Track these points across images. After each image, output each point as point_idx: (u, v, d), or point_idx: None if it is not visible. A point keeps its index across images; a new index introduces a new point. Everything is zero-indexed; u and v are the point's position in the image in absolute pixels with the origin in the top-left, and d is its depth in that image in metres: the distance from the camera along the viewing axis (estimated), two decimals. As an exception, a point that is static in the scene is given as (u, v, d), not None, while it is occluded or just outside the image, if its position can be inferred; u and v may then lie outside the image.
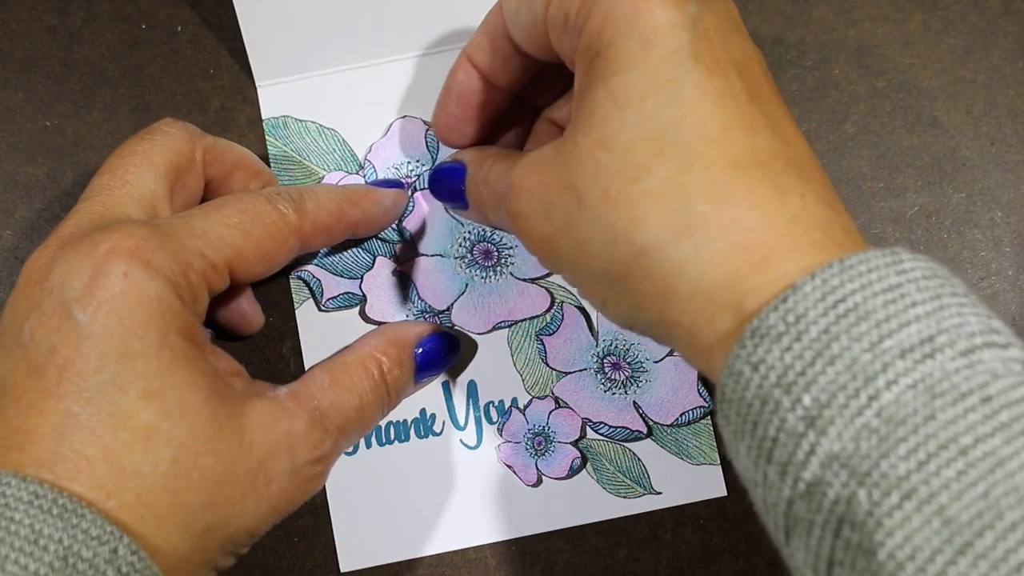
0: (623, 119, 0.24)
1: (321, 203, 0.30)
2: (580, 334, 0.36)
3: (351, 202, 0.31)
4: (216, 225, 0.27)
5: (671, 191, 0.23)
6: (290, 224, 0.29)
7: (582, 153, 0.25)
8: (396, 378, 0.31)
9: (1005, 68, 0.37)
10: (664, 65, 0.24)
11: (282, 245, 0.29)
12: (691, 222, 0.23)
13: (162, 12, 0.38)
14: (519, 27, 0.28)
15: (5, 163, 0.38)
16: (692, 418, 0.35)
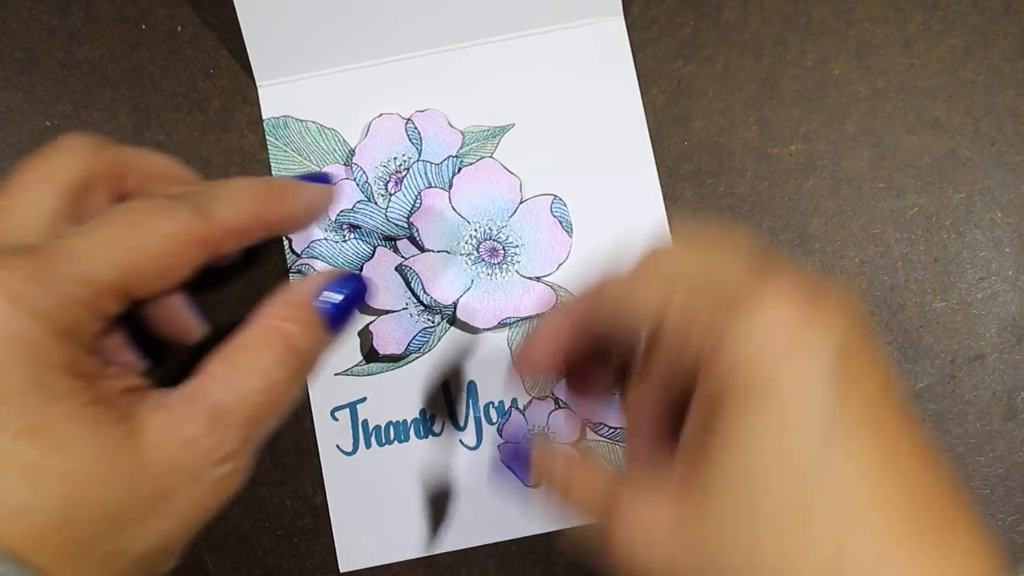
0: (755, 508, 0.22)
1: (232, 203, 0.27)
2: None
3: (269, 199, 0.29)
4: (100, 245, 0.25)
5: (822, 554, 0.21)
6: (190, 233, 0.26)
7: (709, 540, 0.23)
8: (304, 340, 0.27)
9: (1005, 68, 0.37)
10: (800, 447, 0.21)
11: (182, 258, 0.26)
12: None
13: (162, 12, 0.38)
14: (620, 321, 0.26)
15: (5, 163, 0.37)
16: None
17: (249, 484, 0.36)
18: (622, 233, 0.37)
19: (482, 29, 0.37)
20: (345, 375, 0.36)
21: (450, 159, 0.37)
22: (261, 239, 0.29)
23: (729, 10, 0.38)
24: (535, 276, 0.36)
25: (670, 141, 0.37)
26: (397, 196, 0.36)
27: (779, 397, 0.21)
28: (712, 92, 0.37)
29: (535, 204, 0.36)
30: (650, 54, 0.38)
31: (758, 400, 0.21)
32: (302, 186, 0.31)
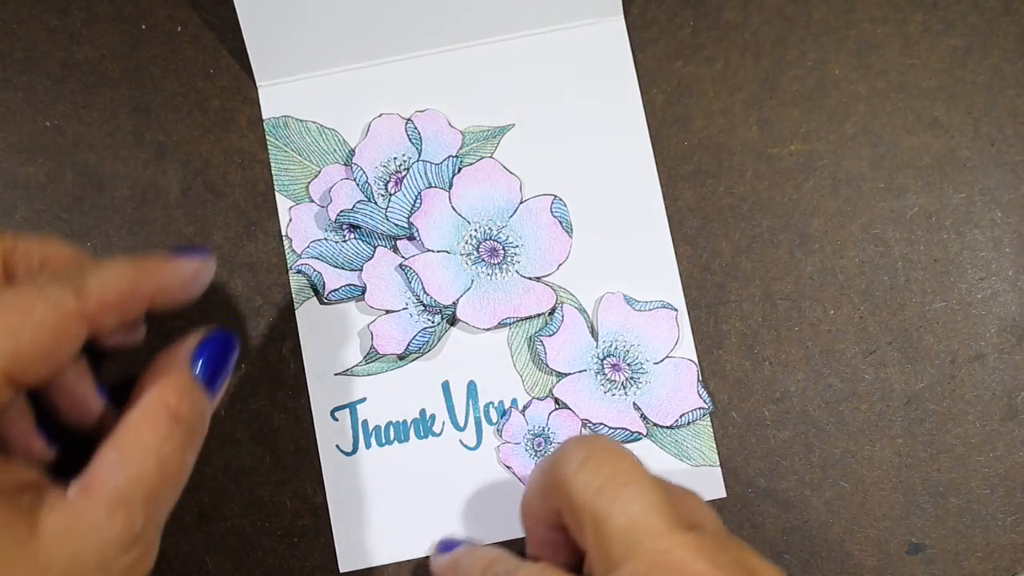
0: None
1: (107, 279, 0.27)
2: (580, 335, 0.36)
3: (143, 273, 0.29)
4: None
5: None
6: (68, 310, 0.26)
7: None
8: (188, 408, 0.28)
9: (1005, 68, 0.37)
10: None
11: (63, 336, 0.26)
12: None
13: (162, 12, 0.38)
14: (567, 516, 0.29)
15: (5, 163, 0.38)
16: (692, 419, 0.35)
17: (249, 484, 0.36)
18: (622, 233, 0.37)
19: (482, 29, 0.37)
20: (345, 375, 0.36)
21: (450, 159, 0.37)
22: (139, 312, 0.29)
23: (729, 10, 0.38)
24: (535, 276, 0.36)
25: (670, 141, 0.37)
26: (397, 196, 0.36)
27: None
28: (712, 92, 0.37)
29: (535, 204, 0.36)
30: (650, 54, 0.38)
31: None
32: (177, 260, 0.30)
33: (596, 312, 0.36)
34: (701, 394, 0.35)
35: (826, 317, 0.36)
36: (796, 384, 0.36)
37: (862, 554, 0.35)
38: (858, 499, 0.35)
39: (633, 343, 0.36)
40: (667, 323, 0.36)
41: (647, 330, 0.36)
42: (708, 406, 0.35)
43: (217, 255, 0.37)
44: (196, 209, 0.37)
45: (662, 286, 0.36)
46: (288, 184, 0.37)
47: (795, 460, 0.35)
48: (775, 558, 0.35)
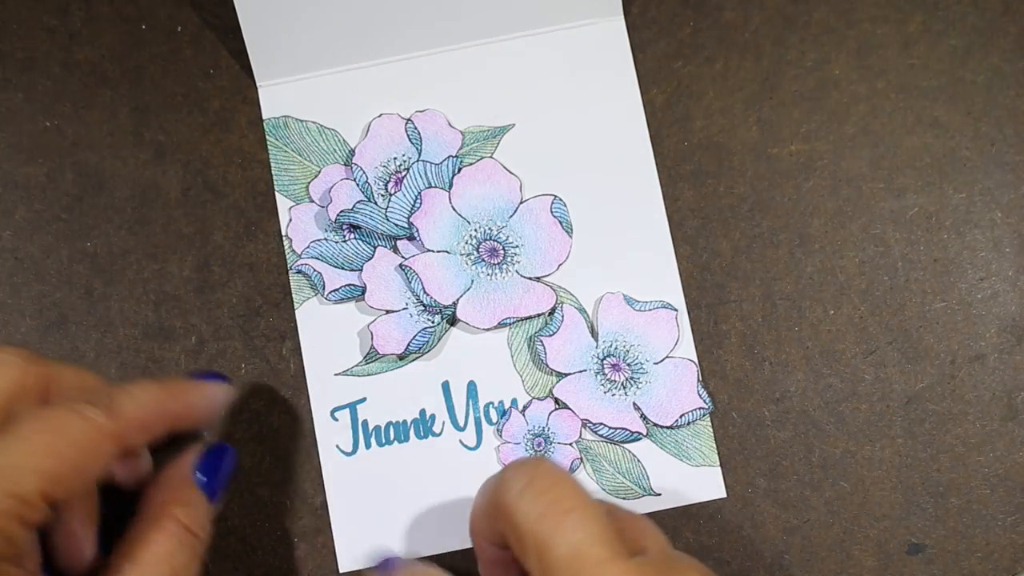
0: None
1: (138, 400, 0.29)
2: (580, 335, 0.36)
3: (171, 395, 0.30)
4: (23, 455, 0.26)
5: None
6: (102, 431, 0.27)
7: None
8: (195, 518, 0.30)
9: (1005, 69, 0.37)
10: None
11: (97, 456, 0.27)
12: None
13: (162, 12, 0.38)
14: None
15: (5, 163, 0.38)
16: (692, 419, 0.35)
17: (249, 484, 0.36)
18: (622, 233, 0.37)
19: (482, 29, 0.37)
20: (345, 375, 0.36)
21: (450, 159, 0.37)
22: (165, 433, 0.30)
23: (729, 10, 0.38)
24: (535, 276, 0.36)
25: (670, 141, 0.37)
26: (397, 196, 0.36)
27: None
28: (712, 92, 0.37)
29: (535, 204, 0.36)
30: (650, 54, 0.38)
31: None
32: (201, 384, 0.32)
33: (596, 312, 0.36)
34: (701, 394, 0.35)
35: (826, 317, 0.36)
36: (796, 384, 0.36)
37: (862, 554, 0.35)
38: (858, 499, 0.35)
39: (633, 343, 0.36)
40: (667, 323, 0.36)
41: (647, 330, 0.36)
42: (708, 406, 0.35)
43: (217, 255, 0.37)
44: (196, 209, 0.37)
45: (662, 286, 0.36)
46: (288, 184, 0.37)
47: (795, 460, 0.35)
48: (775, 558, 0.35)
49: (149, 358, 0.36)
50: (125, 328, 0.36)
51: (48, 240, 0.37)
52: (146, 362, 0.36)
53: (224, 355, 0.36)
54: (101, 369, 0.36)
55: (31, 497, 0.26)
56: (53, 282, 0.37)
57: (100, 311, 0.37)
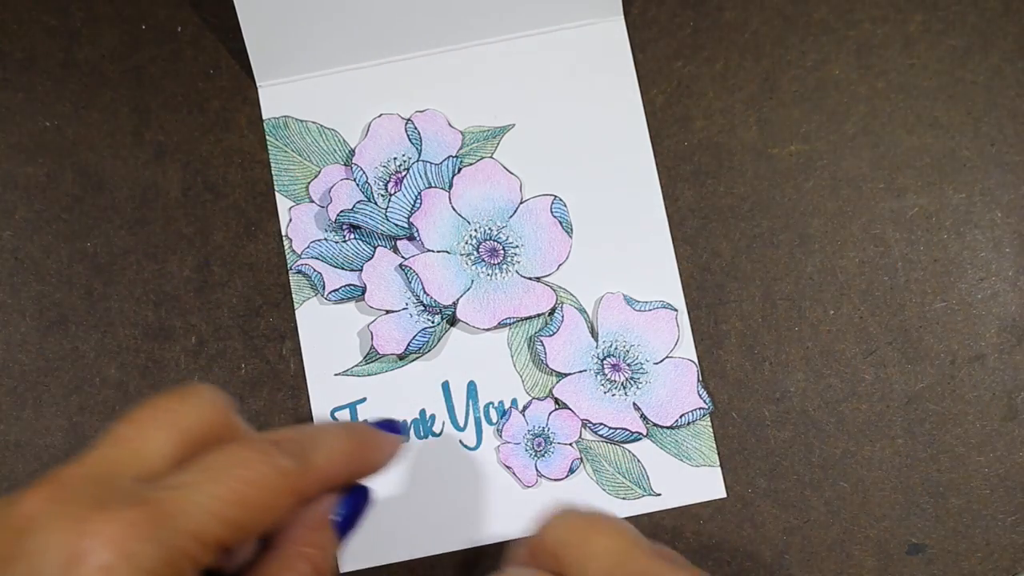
0: None
1: (328, 453, 0.28)
2: (580, 335, 0.36)
3: (361, 450, 0.30)
4: (214, 500, 0.26)
5: None
6: (290, 484, 0.27)
7: None
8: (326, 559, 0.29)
9: (1005, 69, 0.37)
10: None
11: (278, 508, 0.27)
12: None
13: (162, 13, 0.38)
14: None
15: (5, 163, 0.38)
16: (692, 419, 0.35)
17: (249, 484, 0.36)
18: (622, 233, 0.37)
19: (482, 29, 0.37)
20: (345, 375, 0.36)
21: (450, 159, 0.36)
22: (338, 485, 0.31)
23: (729, 10, 0.38)
24: (535, 276, 0.36)
25: (670, 141, 0.37)
26: (397, 196, 0.36)
27: None
28: (712, 92, 0.37)
29: (535, 204, 0.36)
30: (650, 54, 0.38)
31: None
32: (383, 436, 0.31)
33: (596, 312, 0.36)
34: (701, 394, 0.35)
35: (826, 317, 0.36)
36: (796, 384, 0.36)
37: (862, 554, 0.35)
38: (858, 499, 0.35)
39: (633, 343, 0.36)
40: (667, 323, 0.36)
41: (647, 330, 0.36)
42: (708, 406, 0.35)
43: (217, 255, 0.37)
44: (196, 209, 0.37)
45: (662, 286, 0.36)
46: (288, 184, 0.37)
47: (795, 460, 0.35)
48: (775, 558, 0.35)
49: (149, 358, 0.36)
50: (125, 328, 0.36)
51: (48, 240, 0.37)
52: (146, 362, 0.36)
53: (224, 355, 0.36)
54: (101, 369, 0.36)
55: (209, 541, 0.25)
56: (53, 282, 0.37)
57: (100, 311, 0.37)
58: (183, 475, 0.26)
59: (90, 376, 0.36)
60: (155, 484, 0.26)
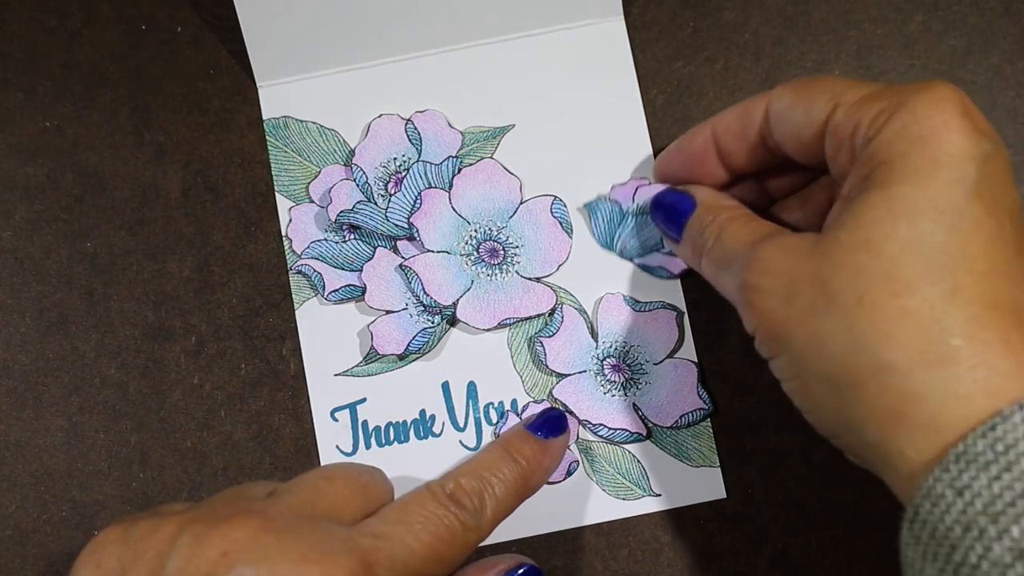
0: (895, 228, 0.24)
1: (501, 504, 0.29)
2: (580, 336, 0.36)
3: (527, 489, 0.30)
4: (413, 554, 0.26)
5: (930, 317, 0.23)
6: (472, 540, 0.28)
7: (843, 251, 0.25)
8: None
9: (1005, 69, 0.37)
10: (948, 190, 0.24)
11: (458, 563, 0.28)
12: (944, 354, 0.23)
13: (162, 13, 0.38)
14: (785, 123, 0.29)
15: (5, 164, 0.38)
16: (692, 420, 0.35)
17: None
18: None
19: (482, 29, 0.37)
20: (345, 375, 0.36)
21: (450, 159, 0.36)
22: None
23: (729, 10, 0.38)
24: (535, 277, 0.36)
25: (670, 141, 0.37)
26: (397, 196, 0.36)
27: (939, 151, 0.24)
28: (712, 92, 0.37)
29: (535, 205, 0.36)
30: (650, 54, 0.38)
31: (914, 154, 0.24)
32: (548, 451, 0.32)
33: (596, 313, 0.36)
34: (701, 395, 0.35)
35: (826, 318, 0.36)
36: (796, 385, 0.36)
37: (862, 554, 0.35)
38: (858, 499, 0.35)
39: (633, 344, 0.36)
40: (668, 324, 0.36)
41: (647, 331, 0.36)
42: (708, 407, 0.35)
43: (217, 255, 0.37)
44: (196, 209, 0.37)
45: (662, 286, 0.36)
46: (288, 184, 0.37)
47: (795, 460, 0.35)
48: (775, 558, 0.35)
49: (149, 358, 0.36)
50: (125, 328, 0.36)
51: (48, 240, 0.37)
52: (146, 362, 0.36)
53: (224, 355, 0.36)
54: (101, 369, 0.36)
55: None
56: (53, 282, 0.37)
57: (100, 311, 0.37)
58: (381, 525, 0.27)
59: (90, 376, 0.36)
60: (361, 531, 0.26)
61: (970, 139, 0.24)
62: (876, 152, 0.25)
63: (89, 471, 0.36)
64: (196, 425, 0.36)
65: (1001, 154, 0.25)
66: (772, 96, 0.29)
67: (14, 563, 0.35)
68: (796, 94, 0.28)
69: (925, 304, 0.23)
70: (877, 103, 0.26)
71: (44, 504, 0.36)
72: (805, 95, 0.28)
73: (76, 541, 0.35)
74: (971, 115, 0.25)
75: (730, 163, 0.32)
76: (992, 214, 0.24)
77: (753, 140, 0.30)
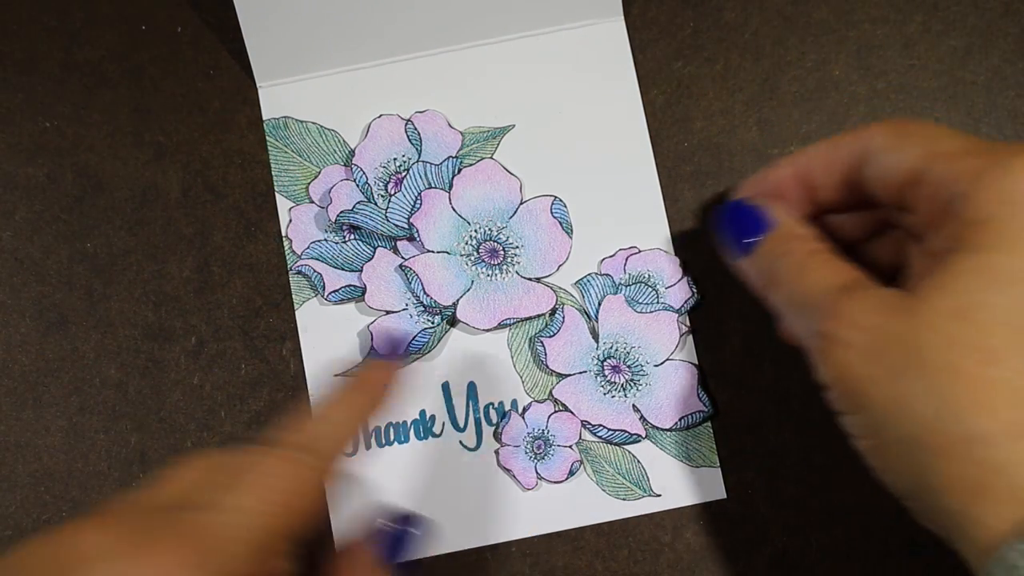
0: (987, 297, 0.24)
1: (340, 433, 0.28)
2: (581, 336, 0.36)
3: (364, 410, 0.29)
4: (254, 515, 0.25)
5: (1021, 388, 0.23)
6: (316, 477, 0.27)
7: (936, 315, 0.24)
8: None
9: (1005, 69, 0.37)
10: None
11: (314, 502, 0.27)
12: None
13: (162, 13, 0.38)
14: (877, 164, 0.28)
15: (5, 164, 0.38)
16: (691, 423, 0.35)
17: (249, 485, 0.36)
18: (622, 234, 0.37)
19: (482, 29, 0.37)
20: (345, 376, 0.36)
21: (450, 160, 0.36)
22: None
23: (729, 11, 0.38)
24: (535, 277, 0.36)
25: (670, 142, 0.37)
26: (397, 197, 0.36)
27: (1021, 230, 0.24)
28: (712, 93, 0.37)
29: (535, 205, 0.36)
30: (650, 55, 0.38)
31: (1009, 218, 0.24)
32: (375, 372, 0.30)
33: (597, 314, 0.36)
34: (701, 397, 0.35)
35: (826, 318, 0.36)
36: (796, 384, 0.36)
37: (862, 555, 0.35)
38: (859, 499, 0.35)
39: (634, 345, 0.36)
40: (668, 325, 0.36)
41: (648, 332, 0.36)
42: (708, 410, 0.35)
43: (217, 256, 0.37)
44: (196, 210, 0.37)
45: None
46: (288, 185, 0.37)
47: (795, 460, 0.35)
48: (775, 558, 0.35)
49: (149, 358, 0.36)
50: (125, 328, 0.36)
51: (48, 241, 0.37)
52: (146, 363, 0.36)
53: (224, 356, 0.36)
54: (101, 369, 0.36)
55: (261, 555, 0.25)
56: (53, 283, 0.37)
57: (100, 311, 0.37)
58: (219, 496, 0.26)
59: (90, 377, 0.36)
60: (195, 508, 0.25)
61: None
62: (972, 211, 0.25)
63: (89, 471, 0.36)
64: (196, 425, 0.36)
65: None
66: (868, 134, 0.29)
67: (14, 563, 0.35)
68: (892, 136, 0.28)
69: (1017, 375, 0.23)
70: (975, 159, 0.25)
71: (44, 504, 0.36)
72: (901, 138, 0.28)
73: (76, 541, 0.35)
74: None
75: (814, 196, 0.31)
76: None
77: (843, 175, 0.30)
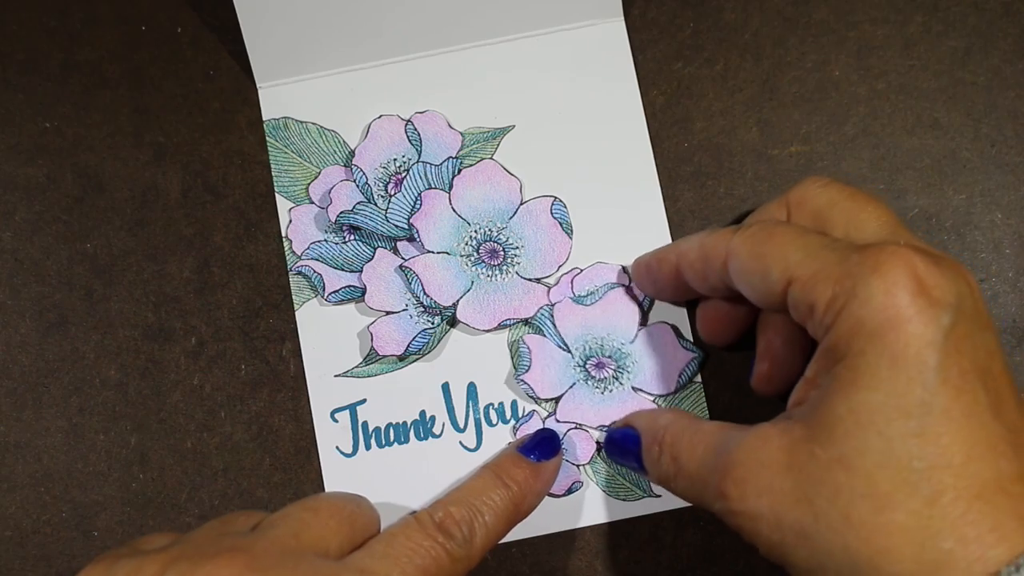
0: (866, 441, 0.24)
1: (491, 531, 0.29)
2: (553, 355, 0.35)
3: (517, 513, 0.31)
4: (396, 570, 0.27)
5: (918, 526, 0.23)
6: (459, 572, 0.28)
7: (820, 468, 0.25)
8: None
9: (1005, 70, 0.37)
10: (912, 388, 0.24)
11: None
12: (938, 559, 0.23)
13: (162, 13, 0.38)
14: (743, 283, 0.29)
15: (5, 164, 0.38)
16: (691, 374, 0.35)
17: (249, 486, 0.36)
18: (622, 235, 0.37)
19: (482, 30, 0.37)
20: (345, 376, 0.36)
21: (450, 160, 0.36)
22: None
23: (729, 11, 0.38)
24: (535, 278, 0.36)
25: (670, 142, 0.37)
26: (397, 197, 0.36)
27: (896, 346, 0.24)
28: (712, 93, 0.37)
29: (535, 205, 0.36)
30: (650, 55, 0.38)
31: (872, 352, 0.24)
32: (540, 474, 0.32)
33: (556, 324, 0.36)
34: (685, 345, 0.35)
35: (826, 318, 0.36)
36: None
37: (862, 555, 0.35)
38: (858, 500, 0.35)
39: (602, 335, 0.35)
40: (623, 301, 0.35)
41: (607, 317, 0.35)
42: (698, 353, 0.35)
43: (217, 256, 0.37)
44: (196, 210, 0.37)
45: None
46: (288, 185, 0.37)
47: (795, 461, 0.35)
48: (775, 559, 0.35)
49: (149, 359, 0.36)
50: (125, 329, 0.36)
51: (48, 241, 0.37)
52: (146, 363, 0.36)
53: (224, 356, 0.36)
54: (101, 370, 0.36)
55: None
56: (53, 283, 0.37)
57: (100, 312, 0.37)
58: (368, 560, 0.27)
59: (90, 377, 0.36)
60: (347, 566, 0.26)
61: (926, 323, 0.24)
62: (835, 346, 0.25)
63: (89, 472, 0.36)
64: (196, 426, 0.36)
65: (965, 313, 0.24)
66: (730, 250, 0.29)
67: (14, 564, 0.35)
68: (751, 258, 0.28)
69: (911, 516, 0.23)
70: (829, 286, 0.25)
71: (44, 505, 0.36)
72: (760, 262, 0.28)
73: (76, 542, 0.36)
74: (924, 288, 0.24)
75: (701, 291, 0.32)
76: (962, 393, 0.24)
77: (715, 283, 0.30)
